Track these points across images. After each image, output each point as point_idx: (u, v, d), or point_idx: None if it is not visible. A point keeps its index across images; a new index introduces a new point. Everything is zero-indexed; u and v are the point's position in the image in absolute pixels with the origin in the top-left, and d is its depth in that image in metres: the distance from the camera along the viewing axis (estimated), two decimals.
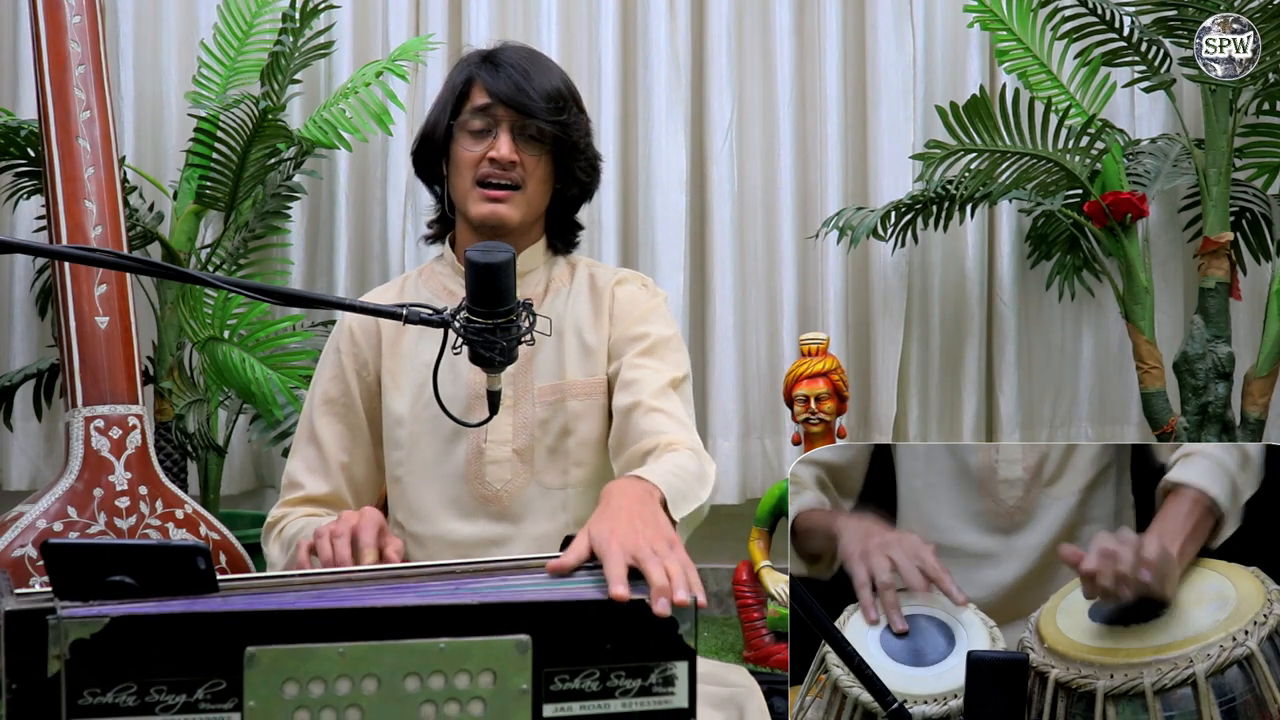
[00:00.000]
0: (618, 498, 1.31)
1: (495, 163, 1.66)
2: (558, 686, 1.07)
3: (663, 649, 1.09)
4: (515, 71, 1.67)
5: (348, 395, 1.75)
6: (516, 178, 1.67)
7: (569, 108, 1.70)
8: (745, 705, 1.54)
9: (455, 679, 1.05)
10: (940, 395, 3.56)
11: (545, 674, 1.07)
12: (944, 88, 3.52)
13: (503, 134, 1.66)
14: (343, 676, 1.03)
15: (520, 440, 1.69)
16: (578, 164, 1.73)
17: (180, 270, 1.34)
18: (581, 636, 1.08)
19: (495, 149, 1.66)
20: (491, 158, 1.66)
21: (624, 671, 1.08)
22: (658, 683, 1.09)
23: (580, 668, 1.07)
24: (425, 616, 1.05)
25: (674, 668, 1.09)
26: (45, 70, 2.72)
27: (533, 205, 1.71)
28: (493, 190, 1.67)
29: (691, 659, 1.10)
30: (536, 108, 1.66)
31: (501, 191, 1.67)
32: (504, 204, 1.67)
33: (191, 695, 1.01)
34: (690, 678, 1.09)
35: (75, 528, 2.54)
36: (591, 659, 1.08)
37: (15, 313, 3.46)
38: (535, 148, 1.68)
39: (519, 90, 1.66)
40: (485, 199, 1.67)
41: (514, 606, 1.07)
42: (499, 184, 1.67)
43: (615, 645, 1.08)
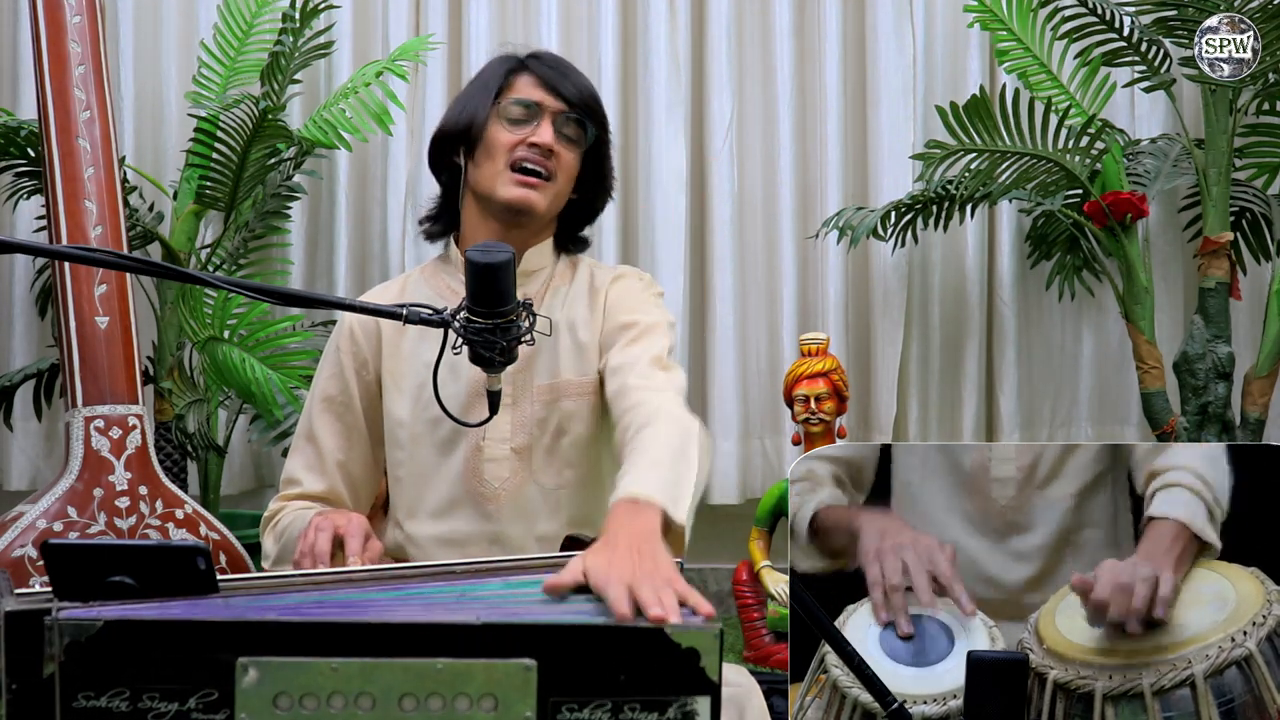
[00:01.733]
0: (619, 534, 1.25)
1: (535, 148, 1.67)
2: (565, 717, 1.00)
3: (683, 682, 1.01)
4: (561, 67, 1.73)
5: (346, 394, 1.75)
6: (552, 167, 1.69)
7: (599, 114, 1.75)
8: (745, 705, 1.54)
9: (455, 702, 0.99)
10: (940, 395, 3.56)
11: (552, 703, 1.00)
12: (944, 88, 3.52)
13: (545, 122, 1.69)
14: (336, 693, 0.99)
15: (519, 439, 1.69)
16: (602, 167, 1.77)
17: (180, 270, 1.34)
18: (593, 664, 1.01)
19: (537, 135, 1.68)
20: (533, 142, 1.67)
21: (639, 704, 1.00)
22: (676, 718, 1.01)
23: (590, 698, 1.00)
24: (425, 634, 1.00)
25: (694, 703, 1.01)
26: (45, 70, 2.72)
27: (558, 200, 1.73)
28: (526, 175, 1.68)
29: (715, 694, 1.01)
30: (579, 103, 1.70)
31: (534, 179, 1.68)
32: (535, 190, 1.68)
33: (184, 704, 0.99)
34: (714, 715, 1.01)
35: (75, 528, 2.53)
36: (603, 689, 1.00)
37: (15, 313, 3.46)
38: (570, 145, 1.71)
39: (568, 84, 1.71)
40: (517, 183, 1.68)
41: (520, 628, 1.01)
42: (533, 170, 1.68)
43: (629, 675, 1.01)
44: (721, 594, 3.50)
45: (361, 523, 1.52)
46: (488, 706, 1.00)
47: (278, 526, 1.70)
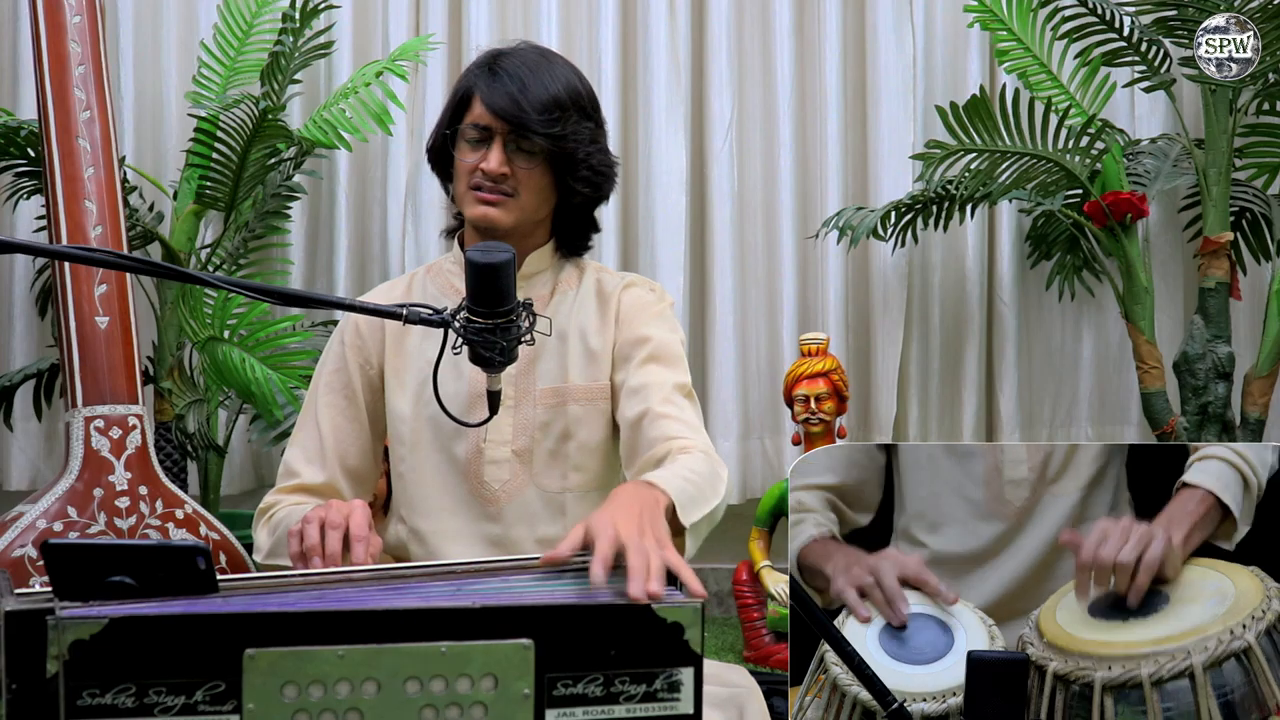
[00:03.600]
0: (623, 497, 1.33)
1: (486, 174, 1.67)
2: (561, 691, 1.06)
3: (668, 654, 1.08)
4: (513, 82, 1.66)
5: (349, 388, 1.75)
6: (508, 188, 1.68)
7: (567, 118, 1.68)
8: (745, 705, 1.54)
9: (457, 683, 1.04)
10: (940, 395, 3.56)
11: (548, 679, 1.06)
12: (944, 88, 3.52)
13: (495, 147, 1.66)
14: (342, 680, 1.02)
15: (520, 441, 1.69)
16: (576, 173, 1.71)
17: (180, 270, 1.34)
18: (585, 641, 1.07)
19: (486, 161, 1.66)
20: (482, 169, 1.67)
21: (628, 677, 1.07)
22: (663, 688, 1.08)
23: (584, 673, 1.06)
24: (426, 619, 1.04)
25: (679, 673, 1.08)
26: (45, 70, 2.72)
27: (528, 211, 1.71)
28: (485, 194, 1.68)
29: (698, 665, 1.09)
30: (530, 120, 1.65)
31: (494, 195, 1.68)
32: (496, 208, 1.68)
33: (190, 697, 1.00)
34: (696, 684, 1.08)
35: (75, 528, 2.54)
36: (595, 664, 1.07)
37: (15, 313, 3.46)
38: (528, 159, 1.67)
39: (513, 103, 1.65)
40: (478, 201, 1.68)
41: (516, 610, 1.06)
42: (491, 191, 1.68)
43: (619, 650, 1.07)
44: (721, 594, 3.51)
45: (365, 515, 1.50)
46: (488, 685, 1.05)
47: (272, 520, 1.70)
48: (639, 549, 1.17)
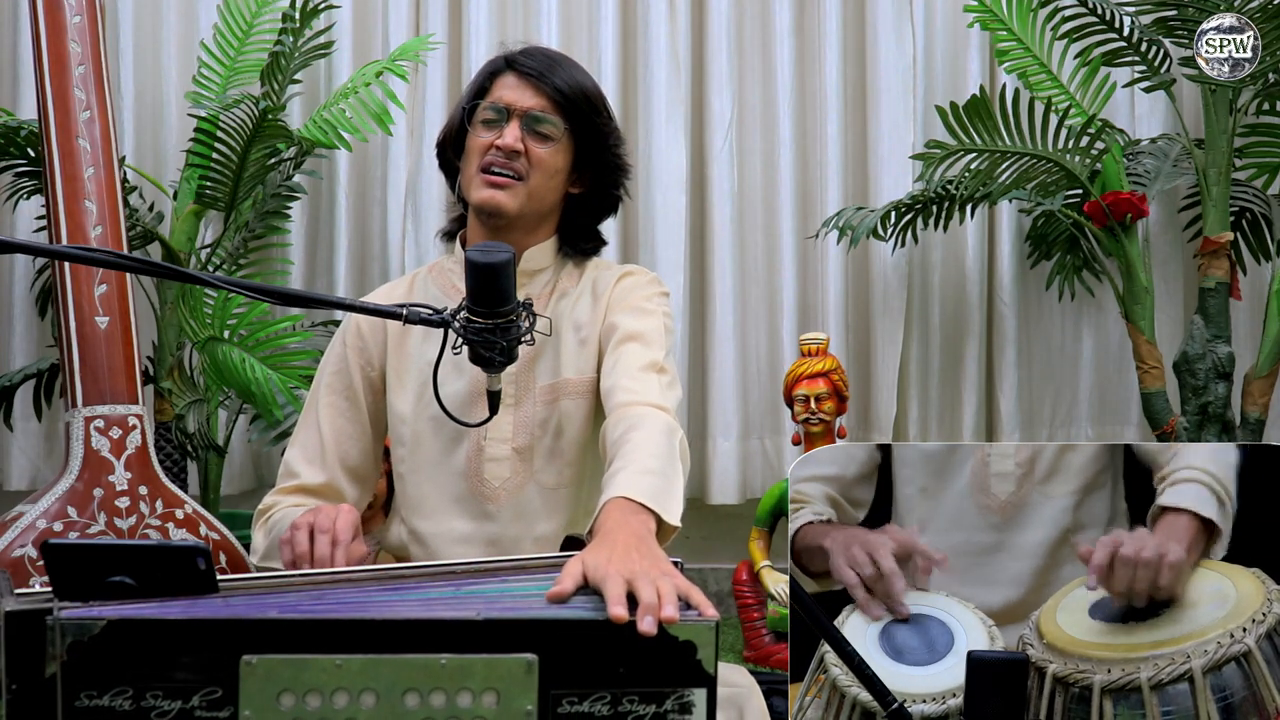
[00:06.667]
0: (614, 531, 1.27)
1: (500, 150, 1.67)
2: (565, 709, 1.02)
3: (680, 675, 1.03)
4: (538, 65, 1.71)
5: (351, 389, 1.75)
6: (520, 168, 1.68)
7: (586, 108, 1.72)
8: (745, 705, 1.54)
9: (457, 697, 1.01)
10: (940, 395, 3.56)
11: (552, 696, 1.02)
12: (944, 88, 3.52)
13: (512, 123, 1.68)
14: (340, 689, 1.00)
15: (520, 439, 1.69)
16: (594, 166, 1.74)
17: (180, 270, 1.34)
18: (592, 658, 1.03)
19: (502, 137, 1.68)
20: (496, 145, 1.67)
21: (637, 697, 1.02)
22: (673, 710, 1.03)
23: (590, 691, 1.02)
24: (427, 630, 1.01)
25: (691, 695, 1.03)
26: (45, 70, 2.72)
27: (534, 198, 1.71)
28: (494, 176, 1.68)
29: (711, 686, 1.03)
30: (558, 98, 1.69)
31: (502, 179, 1.68)
32: (502, 190, 1.68)
33: (187, 702, 0.99)
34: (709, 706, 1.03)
35: (75, 528, 2.53)
36: (602, 682, 1.02)
37: (15, 313, 3.46)
38: (544, 142, 1.69)
39: (547, 79, 1.69)
40: (485, 184, 1.68)
41: (521, 624, 1.02)
42: (500, 171, 1.68)
43: (628, 668, 1.02)
44: (721, 594, 3.50)
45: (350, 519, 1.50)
46: (490, 701, 1.01)
47: (269, 521, 1.71)
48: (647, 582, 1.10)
